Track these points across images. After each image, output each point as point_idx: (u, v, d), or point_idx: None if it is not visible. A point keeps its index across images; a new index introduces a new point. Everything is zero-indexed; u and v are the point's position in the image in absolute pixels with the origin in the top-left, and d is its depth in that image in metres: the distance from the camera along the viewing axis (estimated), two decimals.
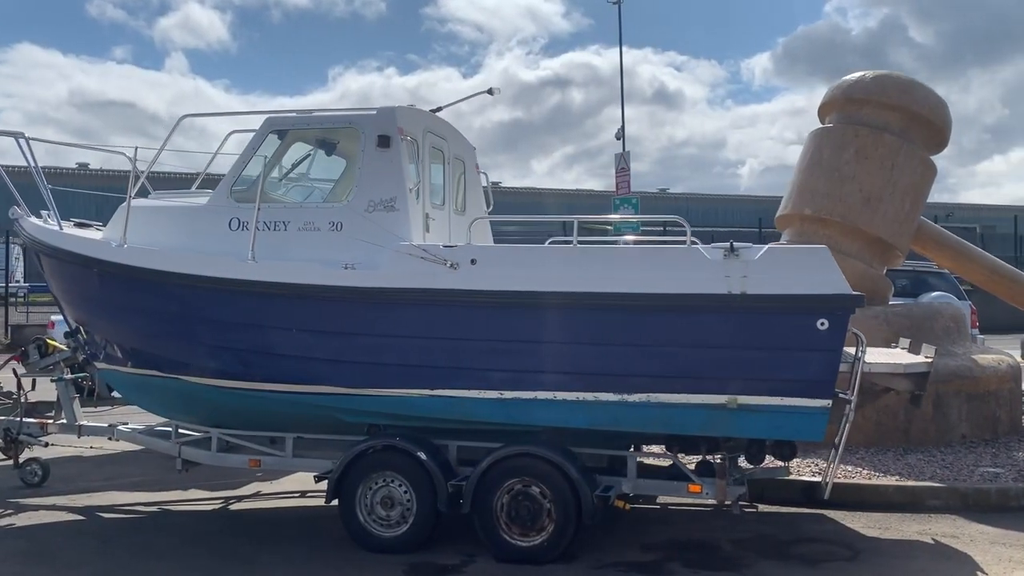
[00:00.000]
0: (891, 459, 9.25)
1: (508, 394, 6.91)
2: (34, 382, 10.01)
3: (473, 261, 6.93)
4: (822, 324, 6.35)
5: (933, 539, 7.23)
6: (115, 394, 11.32)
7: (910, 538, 7.30)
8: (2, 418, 9.50)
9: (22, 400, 9.62)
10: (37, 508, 8.59)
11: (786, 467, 7.51)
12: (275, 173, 8.12)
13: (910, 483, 8.30)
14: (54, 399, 10.19)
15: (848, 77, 11.95)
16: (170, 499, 9.00)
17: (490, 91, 8.31)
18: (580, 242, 7.06)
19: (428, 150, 8.01)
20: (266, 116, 7.88)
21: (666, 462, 7.69)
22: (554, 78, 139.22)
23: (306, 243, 7.42)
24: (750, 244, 6.67)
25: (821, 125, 12.15)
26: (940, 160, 11.80)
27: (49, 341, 9.80)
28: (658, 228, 28.59)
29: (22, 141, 8.51)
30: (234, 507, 8.76)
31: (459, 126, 8.87)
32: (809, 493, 8.33)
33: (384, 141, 7.38)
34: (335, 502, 7.24)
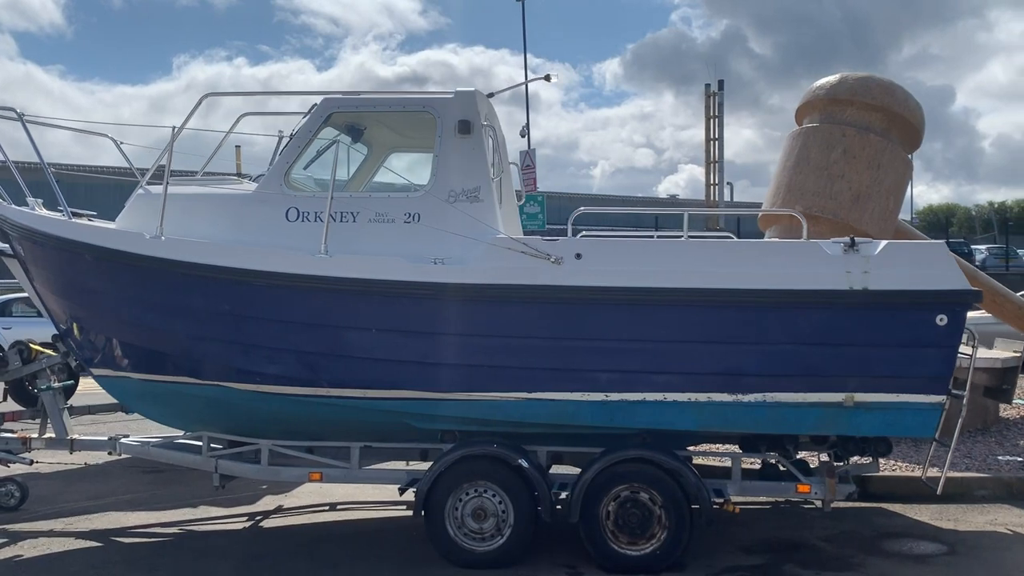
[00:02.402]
0: (910, 450, 9.44)
1: (614, 396, 6.57)
2: (5, 393, 8.86)
3: (578, 256, 6.55)
4: (941, 320, 6.34)
5: (1009, 529, 7.39)
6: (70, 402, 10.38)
7: (986, 529, 7.45)
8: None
9: None
10: (35, 535, 7.56)
11: (876, 463, 7.49)
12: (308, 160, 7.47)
13: (956, 474, 8.48)
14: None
15: (828, 79, 12.18)
16: (185, 518, 8.13)
17: (547, 77, 7.92)
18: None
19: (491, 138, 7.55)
20: (323, 97, 7.21)
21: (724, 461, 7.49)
22: (411, 75, 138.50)
23: (378, 236, 6.82)
24: (869, 239, 6.61)
25: (799, 126, 12.34)
26: (775, 166, 12.33)
27: (33, 346, 8.67)
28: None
29: (19, 119, 7.48)
30: (268, 524, 7.99)
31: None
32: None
33: (465, 127, 6.88)
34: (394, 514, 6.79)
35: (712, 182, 33.69)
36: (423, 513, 6.65)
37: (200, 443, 7.61)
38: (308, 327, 6.74)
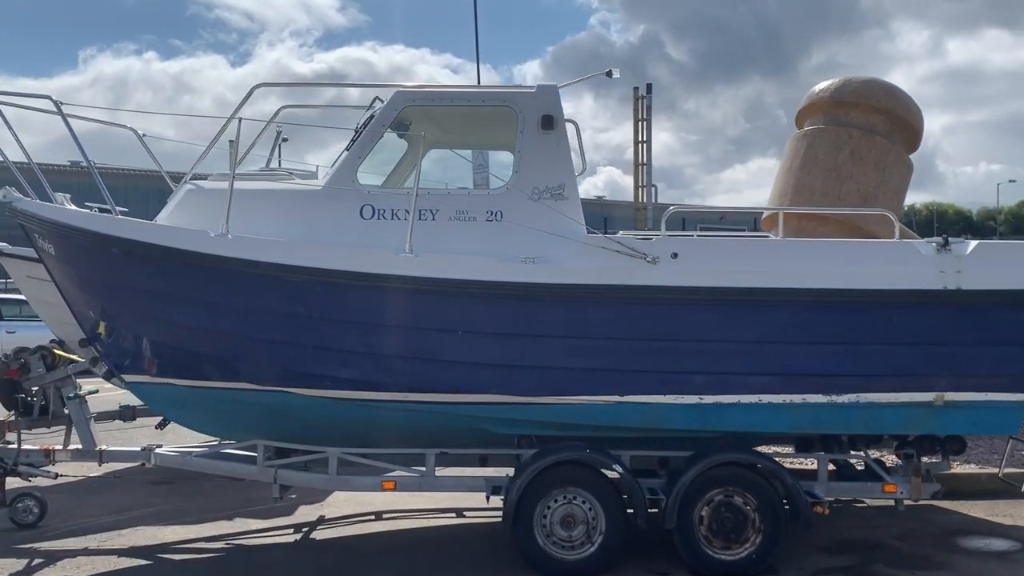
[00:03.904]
0: None
1: (708, 398, 6.46)
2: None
3: (674, 255, 6.41)
4: None
5: None
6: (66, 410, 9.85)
7: None
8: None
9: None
10: (72, 554, 7.02)
11: (947, 462, 7.55)
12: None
13: (995, 471, 8.64)
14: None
15: (831, 82, 12.31)
16: (226, 532, 7.67)
17: (609, 73, 7.76)
18: None
19: None
20: (395, 90, 6.91)
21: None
22: (329, 72, 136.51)
23: (459, 234, 6.57)
24: (962, 238, 6.66)
25: (800, 128, 12.47)
26: (691, 169, 12.57)
27: (56, 351, 8.08)
28: None
29: (57, 111, 6.96)
30: (319, 536, 7.61)
31: (225, 114, 7.91)
32: None
33: (548, 122, 6.68)
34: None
35: (640, 184, 33.97)
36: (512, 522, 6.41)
37: (246, 452, 7.24)
38: (390, 329, 6.44)
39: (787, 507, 6.43)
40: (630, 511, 6.43)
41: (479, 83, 7.47)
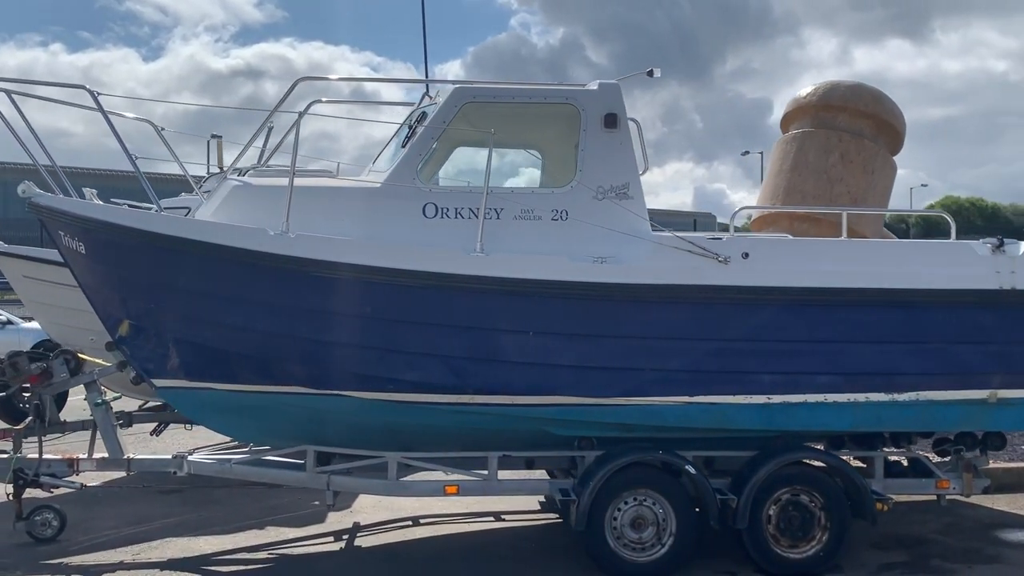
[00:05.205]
0: None
1: (776, 399, 6.50)
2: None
3: (745, 255, 6.43)
4: None
5: None
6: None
7: None
8: (7, 455, 7.30)
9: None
10: (112, 569, 6.69)
11: (987, 457, 7.73)
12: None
13: (1015, 465, 8.94)
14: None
15: (818, 86, 12.59)
16: (263, 542, 7.39)
17: (650, 72, 7.75)
18: None
19: None
20: (455, 86, 6.77)
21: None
22: (246, 68, 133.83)
23: (525, 233, 6.48)
24: (1015, 240, 6.85)
25: (787, 132, 12.69)
26: None
27: (81, 355, 7.66)
28: None
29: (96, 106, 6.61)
30: (363, 544, 7.39)
31: (137, 112, 7.53)
32: None
33: (612, 120, 6.64)
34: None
35: None
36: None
37: (288, 459, 7.03)
38: (459, 330, 6.30)
39: (850, 504, 6.53)
40: (697, 511, 6.45)
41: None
